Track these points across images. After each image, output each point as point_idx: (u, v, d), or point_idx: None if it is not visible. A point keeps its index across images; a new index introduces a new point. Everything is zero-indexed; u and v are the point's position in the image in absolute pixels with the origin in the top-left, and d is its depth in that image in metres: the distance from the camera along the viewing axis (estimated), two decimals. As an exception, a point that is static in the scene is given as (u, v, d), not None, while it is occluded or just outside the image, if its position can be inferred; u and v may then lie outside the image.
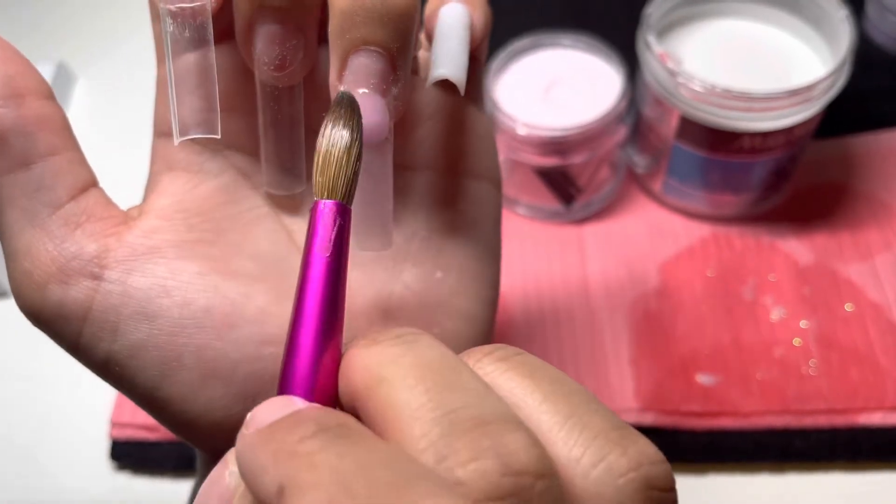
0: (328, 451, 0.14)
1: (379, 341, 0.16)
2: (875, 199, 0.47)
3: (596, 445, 0.15)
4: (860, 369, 0.40)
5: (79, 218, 0.20)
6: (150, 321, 0.20)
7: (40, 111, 0.20)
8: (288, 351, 0.17)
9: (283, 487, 0.14)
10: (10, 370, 0.47)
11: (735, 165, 0.42)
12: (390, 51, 0.19)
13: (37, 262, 0.19)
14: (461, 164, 0.24)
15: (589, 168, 0.45)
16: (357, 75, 0.18)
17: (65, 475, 0.42)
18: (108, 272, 0.20)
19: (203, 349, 0.20)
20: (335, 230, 0.17)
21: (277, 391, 0.17)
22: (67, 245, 0.20)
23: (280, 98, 0.21)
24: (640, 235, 0.47)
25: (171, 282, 0.20)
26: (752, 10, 0.44)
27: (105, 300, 0.20)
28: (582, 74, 0.45)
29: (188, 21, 0.19)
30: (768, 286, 0.44)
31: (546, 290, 0.45)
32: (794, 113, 0.39)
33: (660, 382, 0.41)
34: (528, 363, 0.17)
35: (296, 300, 0.17)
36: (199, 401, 0.20)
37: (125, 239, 0.20)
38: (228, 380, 0.20)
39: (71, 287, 0.19)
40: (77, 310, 0.20)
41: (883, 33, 0.53)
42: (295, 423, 0.15)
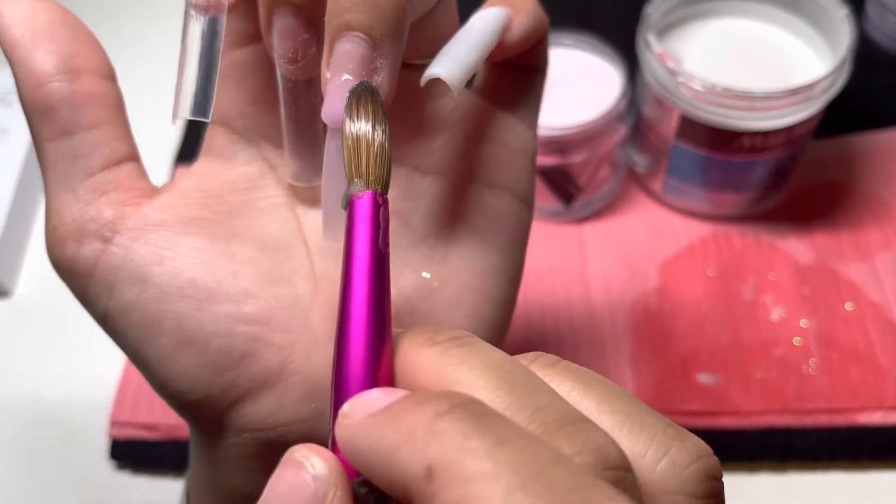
0: (480, 436, 0.13)
1: (437, 342, 0.16)
2: (875, 199, 0.47)
3: (657, 442, 0.15)
4: (860, 369, 0.40)
5: (106, 186, 0.22)
6: (142, 285, 0.21)
7: (93, 88, 0.21)
8: (345, 348, 0.17)
9: (434, 469, 0.13)
10: (10, 370, 0.47)
11: (735, 165, 0.42)
12: (373, 37, 0.19)
13: (62, 221, 0.21)
14: (482, 174, 0.24)
15: (589, 167, 0.45)
16: (339, 60, 0.19)
17: (65, 475, 0.42)
18: (117, 237, 0.21)
19: (182, 318, 0.21)
20: (379, 220, 0.17)
21: (333, 388, 0.17)
22: (89, 209, 0.21)
23: (297, 91, 0.21)
24: (640, 235, 0.47)
25: (167, 252, 0.21)
26: (752, 9, 0.44)
27: (108, 261, 0.21)
28: (582, 74, 0.45)
29: (204, 12, 0.20)
30: (768, 285, 0.44)
31: (546, 290, 0.45)
32: (794, 112, 0.39)
33: (660, 382, 0.41)
34: (574, 369, 0.17)
35: (350, 299, 0.17)
36: (173, 366, 0.21)
37: (140, 210, 0.22)
38: (201, 350, 0.21)
39: (83, 246, 0.21)
40: (85, 266, 0.21)
41: (883, 33, 0.53)
42: (421, 401, 0.14)
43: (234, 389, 0.21)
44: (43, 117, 0.21)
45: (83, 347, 0.46)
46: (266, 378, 0.21)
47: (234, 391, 0.21)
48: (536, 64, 0.25)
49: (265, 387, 0.21)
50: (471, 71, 0.21)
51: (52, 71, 0.21)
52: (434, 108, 0.23)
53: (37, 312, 0.49)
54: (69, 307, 0.49)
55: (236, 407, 0.22)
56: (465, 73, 0.21)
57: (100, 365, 0.45)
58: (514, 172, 0.24)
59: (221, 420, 0.22)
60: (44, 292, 0.49)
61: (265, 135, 0.24)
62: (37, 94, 0.21)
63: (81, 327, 0.47)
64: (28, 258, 0.51)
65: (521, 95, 0.25)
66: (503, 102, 0.25)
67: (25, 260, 0.51)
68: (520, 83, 0.25)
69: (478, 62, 0.21)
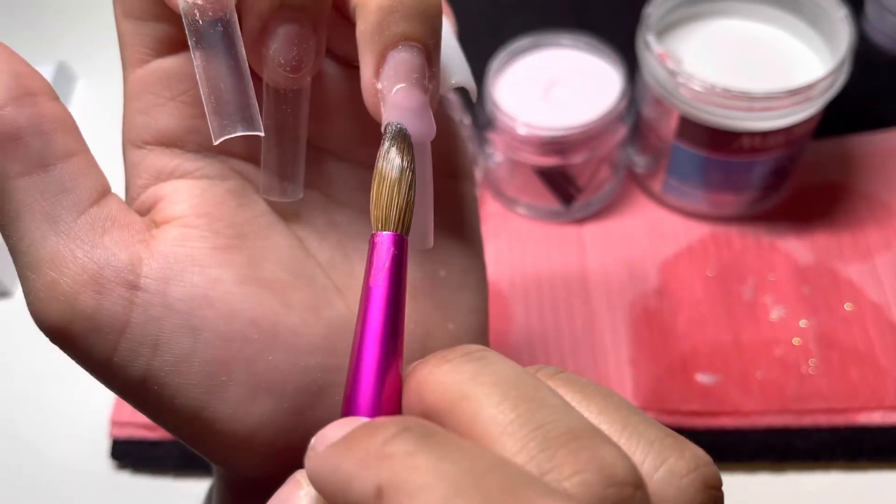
0: (425, 453, 0.14)
1: (449, 359, 0.16)
2: (875, 199, 0.47)
3: (654, 451, 0.16)
4: (860, 369, 0.40)
5: (104, 223, 0.19)
6: (195, 334, 0.19)
7: (53, 111, 0.19)
8: (352, 377, 0.17)
9: (382, 488, 0.14)
10: (10, 369, 0.47)
11: (735, 165, 0.42)
12: (428, 47, 0.18)
13: (65, 271, 0.18)
14: (446, 167, 0.24)
15: (589, 168, 0.45)
16: (398, 71, 0.18)
17: (65, 474, 0.42)
18: (144, 281, 0.18)
19: (252, 362, 0.19)
20: (389, 262, 0.18)
21: (342, 415, 0.17)
22: (98, 252, 0.18)
23: (287, 102, 0.20)
24: (639, 235, 0.47)
25: (211, 292, 0.19)
26: (752, 9, 0.44)
27: (145, 312, 0.18)
28: (582, 74, 0.45)
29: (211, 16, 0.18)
30: (768, 286, 0.44)
31: (546, 290, 0.45)
32: (793, 112, 0.39)
33: (659, 382, 0.41)
34: (573, 379, 0.17)
35: (357, 332, 0.17)
36: (250, 418, 0.19)
37: (156, 248, 0.19)
38: (280, 393, 0.20)
39: (105, 297, 0.18)
40: (113, 323, 0.18)
41: (882, 33, 0.53)
42: (372, 429, 0.15)
43: (317, 428, 0.20)
44: (8, 149, 0.18)
45: (83, 348, 0.46)
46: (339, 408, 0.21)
47: (318, 429, 0.20)
48: None
49: None
50: None
51: (6, 95, 0.18)
52: None
53: (37, 313, 0.49)
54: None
55: None
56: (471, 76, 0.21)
57: (100, 365, 0.45)
58: (462, 158, 0.25)
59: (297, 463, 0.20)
60: (44, 292, 0.49)
61: (226, 149, 0.21)
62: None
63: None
64: (28, 258, 0.51)
65: None
66: None
67: (26, 260, 0.51)
68: None
69: None
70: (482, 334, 0.24)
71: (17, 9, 0.66)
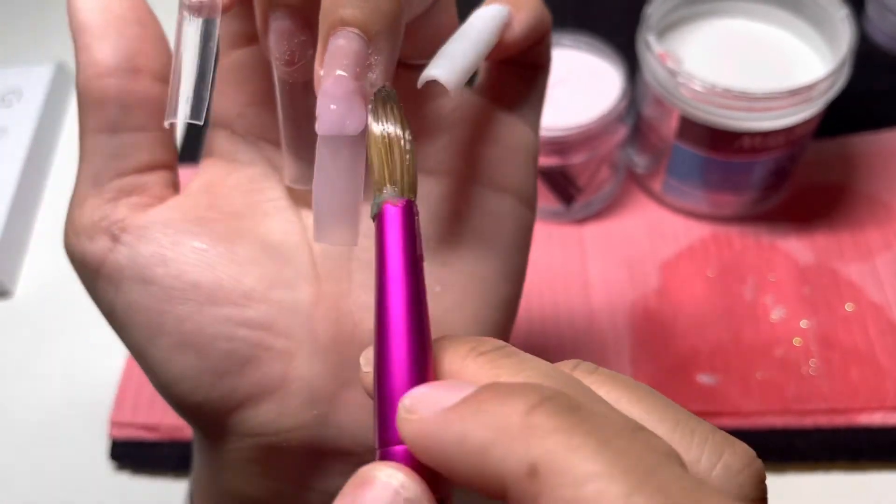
0: (582, 434, 0.13)
1: (483, 352, 0.16)
2: (875, 199, 0.47)
3: (709, 448, 0.15)
4: (860, 369, 0.40)
5: (132, 189, 0.22)
6: (145, 285, 0.21)
7: (148, 90, 0.21)
8: (386, 355, 0.16)
9: (538, 467, 0.13)
10: (10, 369, 0.47)
11: (735, 165, 0.42)
12: (369, 32, 0.18)
13: (79, 213, 0.22)
14: (483, 174, 0.23)
15: (589, 168, 0.45)
16: (333, 57, 0.18)
17: (65, 475, 0.42)
18: (124, 235, 0.21)
19: (183, 320, 0.21)
20: (415, 228, 0.17)
21: (377, 398, 0.16)
22: (107, 207, 0.21)
23: (294, 93, 0.21)
24: (640, 235, 0.47)
25: (170, 252, 0.21)
26: (753, 9, 0.44)
27: (115, 259, 0.21)
28: (582, 75, 0.45)
29: (198, 14, 0.20)
30: (768, 286, 0.44)
31: (546, 290, 0.45)
32: (794, 113, 0.39)
33: (660, 382, 0.41)
34: (614, 376, 0.17)
35: (385, 303, 0.17)
36: (174, 368, 0.21)
37: (151, 211, 0.22)
38: (202, 353, 0.21)
39: (93, 242, 0.21)
40: (93, 262, 0.21)
41: (883, 33, 0.53)
42: (505, 395, 0.14)
43: (235, 394, 0.21)
44: (92, 108, 0.21)
45: (83, 348, 0.46)
46: (268, 384, 0.21)
47: (236, 396, 0.21)
48: (539, 62, 0.25)
49: (267, 392, 0.21)
50: (469, 71, 0.21)
51: (113, 65, 0.21)
52: (434, 108, 0.23)
53: (37, 313, 0.49)
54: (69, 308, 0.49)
55: (238, 412, 0.21)
56: (463, 73, 0.20)
57: (100, 365, 0.45)
58: (516, 173, 0.24)
59: (223, 424, 0.22)
60: (44, 293, 0.50)
61: (266, 136, 0.23)
62: (92, 84, 0.21)
63: (81, 328, 0.47)
64: (28, 259, 0.51)
65: (522, 94, 0.25)
66: (505, 102, 0.24)
67: (26, 261, 0.51)
68: (522, 82, 0.25)
69: (476, 62, 0.21)
70: None
71: (17, 9, 0.66)
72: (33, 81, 0.57)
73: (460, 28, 0.21)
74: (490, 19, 0.22)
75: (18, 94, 0.56)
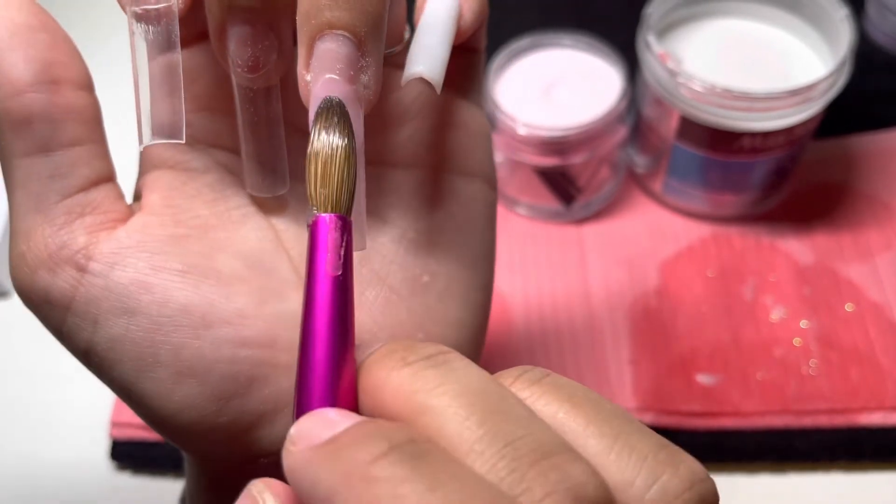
0: (413, 482, 0.13)
1: (409, 362, 0.16)
2: (875, 199, 0.47)
3: (647, 468, 0.15)
4: (860, 369, 0.40)
5: (83, 209, 0.20)
6: (129, 316, 0.20)
7: (73, 101, 0.20)
8: (303, 370, 0.16)
9: None
10: (10, 369, 0.47)
11: (735, 165, 0.42)
12: (358, 35, 0.18)
13: (31, 246, 0.20)
14: (452, 162, 0.23)
15: (589, 168, 0.45)
16: (323, 61, 0.17)
17: (65, 475, 0.42)
18: (92, 264, 0.20)
19: (179, 348, 0.20)
20: (344, 246, 0.17)
21: (295, 409, 0.16)
22: (62, 234, 0.20)
23: (256, 99, 0.20)
24: (640, 235, 0.47)
25: (151, 278, 0.20)
26: (753, 9, 0.44)
27: (87, 292, 0.20)
28: (582, 74, 0.45)
29: (154, 23, 0.19)
30: (768, 286, 0.44)
31: (546, 290, 0.45)
32: (794, 113, 0.39)
33: (660, 382, 0.41)
34: (561, 385, 0.16)
35: (305, 319, 0.17)
36: (173, 399, 0.20)
37: (115, 233, 0.20)
38: (203, 380, 0.20)
39: (57, 275, 0.20)
40: (61, 298, 0.20)
41: (883, 33, 0.53)
42: (360, 439, 0.14)
43: (244, 416, 0.20)
44: (17, 130, 0.19)
45: (83, 348, 0.46)
46: (277, 400, 0.21)
47: (246, 418, 0.20)
48: (477, 46, 0.25)
49: (277, 409, 0.21)
50: (446, 64, 0.20)
51: (30, 80, 0.19)
52: (394, 100, 0.23)
53: (37, 313, 0.49)
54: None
55: (249, 433, 0.21)
56: (443, 67, 0.20)
57: (100, 365, 0.45)
58: (481, 156, 0.24)
59: (232, 449, 0.21)
60: (44, 293, 0.49)
61: (216, 142, 0.22)
62: (11, 104, 0.19)
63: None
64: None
65: (469, 79, 0.24)
66: (455, 87, 0.24)
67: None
68: (466, 67, 0.24)
69: (448, 54, 0.21)
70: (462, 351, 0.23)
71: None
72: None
73: (423, 20, 0.21)
74: (448, 9, 0.22)
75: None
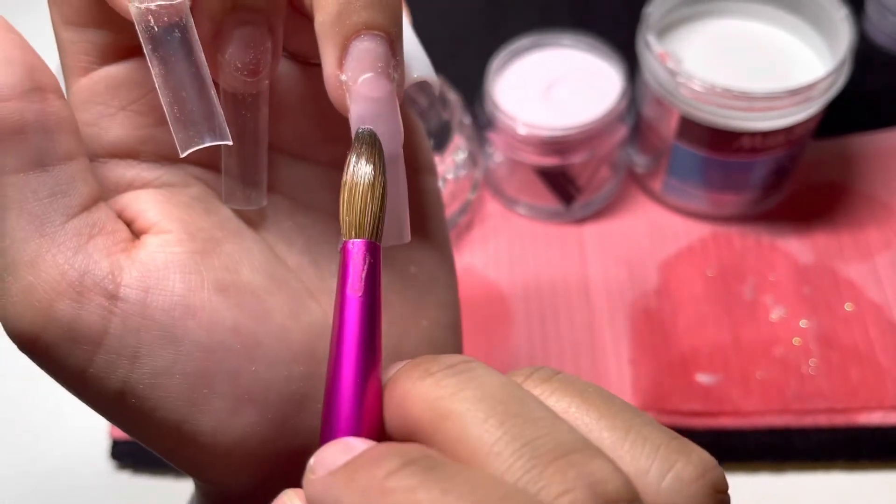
0: (428, 489, 0.14)
1: (432, 372, 0.16)
2: (875, 199, 0.47)
3: (661, 457, 0.15)
4: (860, 369, 0.40)
5: (91, 230, 0.18)
6: (176, 345, 0.18)
7: (60, 110, 0.18)
8: (332, 390, 0.17)
9: None
10: (10, 369, 0.47)
11: (735, 165, 0.43)
12: (391, 35, 0.18)
13: (43, 276, 0.17)
14: (409, 159, 0.23)
15: (589, 168, 0.45)
16: (362, 61, 0.17)
17: (66, 474, 0.42)
18: (124, 290, 0.18)
19: (235, 373, 0.18)
20: (366, 269, 0.17)
21: (322, 434, 0.17)
22: (80, 258, 0.17)
23: (246, 107, 0.19)
24: (640, 235, 0.47)
25: (192, 300, 0.18)
26: (752, 9, 0.44)
27: (123, 323, 0.18)
28: (582, 74, 0.45)
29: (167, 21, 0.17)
30: (768, 285, 0.44)
31: (546, 290, 0.45)
32: (793, 112, 0.40)
33: (660, 381, 0.41)
34: (571, 382, 0.17)
35: (334, 342, 0.17)
36: (233, 430, 0.19)
37: (136, 256, 0.18)
38: (263, 404, 0.19)
39: (84, 306, 0.17)
40: (90, 333, 0.17)
41: (883, 33, 0.53)
42: (375, 459, 0.15)
43: (299, 437, 0.20)
44: (8, 143, 0.17)
45: (84, 348, 0.46)
46: None
47: (300, 438, 0.20)
48: None
49: None
50: None
51: (16, 84, 0.17)
52: None
53: (38, 313, 0.49)
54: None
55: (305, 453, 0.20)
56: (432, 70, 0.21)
57: (100, 365, 0.45)
58: (423, 151, 0.24)
59: (286, 472, 0.20)
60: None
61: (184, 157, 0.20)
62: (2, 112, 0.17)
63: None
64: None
65: None
66: None
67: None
68: None
69: None
70: (454, 328, 0.24)
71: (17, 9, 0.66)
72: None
73: None
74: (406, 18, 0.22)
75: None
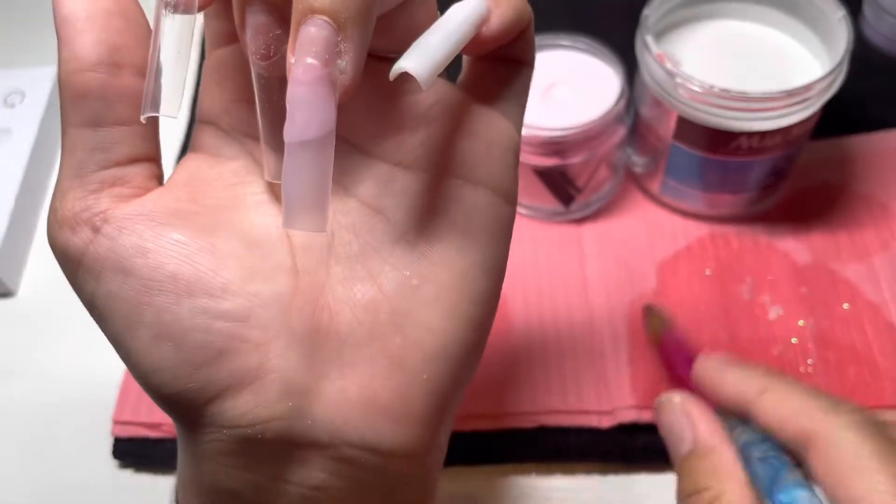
0: None
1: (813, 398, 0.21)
2: (872, 200, 0.47)
3: None
4: (857, 368, 0.41)
5: (115, 181, 0.22)
6: (124, 276, 0.21)
7: (130, 85, 0.22)
8: None
9: None
10: (12, 369, 0.47)
11: (733, 165, 0.43)
12: (338, 19, 0.18)
13: (63, 205, 0.22)
14: (461, 168, 0.23)
15: (588, 168, 0.45)
16: (303, 45, 0.18)
17: (67, 473, 0.43)
18: (105, 226, 0.22)
19: (160, 311, 0.21)
20: None
21: None
22: (89, 199, 0.22)
23: (271, 88, 0.21)
24: (638, 235, 0.47)
25: (150, 244, 0.21)
26: (750, 11, 0.45)
27: (95, 251, 0.22)
28: (581, 75, 0.45)
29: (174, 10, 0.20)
30: (766, 285, 0.44)
31: (545, 290, 0.45)
32: (791, 113, 0.40)
33: (659, 382, 0.41)
34: None
35: None
36: (151, 358, 0.22)
37: (133, 202, 0.22)
38: (178, 345, 0.21)
39: (76, 234, 0.22)
40: (75, 253, 0.22)
41: (880, 34, 0.53)
42: None
43: (211, 386, 0.22)
44: (74, 102, 0.21)
45: (86, 347, 0.46)
46: (243, 375, 0.22)
47: (212, 387, 0.22)
48: (521, 57, 0.25)
49: (243, 384, 0.22)
50: (442, 65, 0.20)
51: (95, 60, 0.21)
52: (414, 102, 0.23)
53: (39, 312, 0.49)
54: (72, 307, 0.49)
55: (214, 403, 0.22)
56: (435, 67, 0.20)
57: (102, 364, 0.45)
58: (494, 168, 0.24)
59: (200, 415, 0.22)
60: (47, 293, 0.50)
61: (251, 133, 0.24)
62: (74, 79, 0.21)
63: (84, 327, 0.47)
64: (31, 259, 0.52)
65: (503, 90, 0.24)
66: (485, 97, 0.24)
67: (28, 260, 0.52)
68: (503, 77, 0.25)
69: (450, 56, 0.21)
70: (439, 359, 0.23)
71: (20, 10, 0.66)
72: (36, 82, 0.57)
73: (437, 21, 0.21)
74: (468, 13, 0.21)
75: (21, 95, 0.56)
